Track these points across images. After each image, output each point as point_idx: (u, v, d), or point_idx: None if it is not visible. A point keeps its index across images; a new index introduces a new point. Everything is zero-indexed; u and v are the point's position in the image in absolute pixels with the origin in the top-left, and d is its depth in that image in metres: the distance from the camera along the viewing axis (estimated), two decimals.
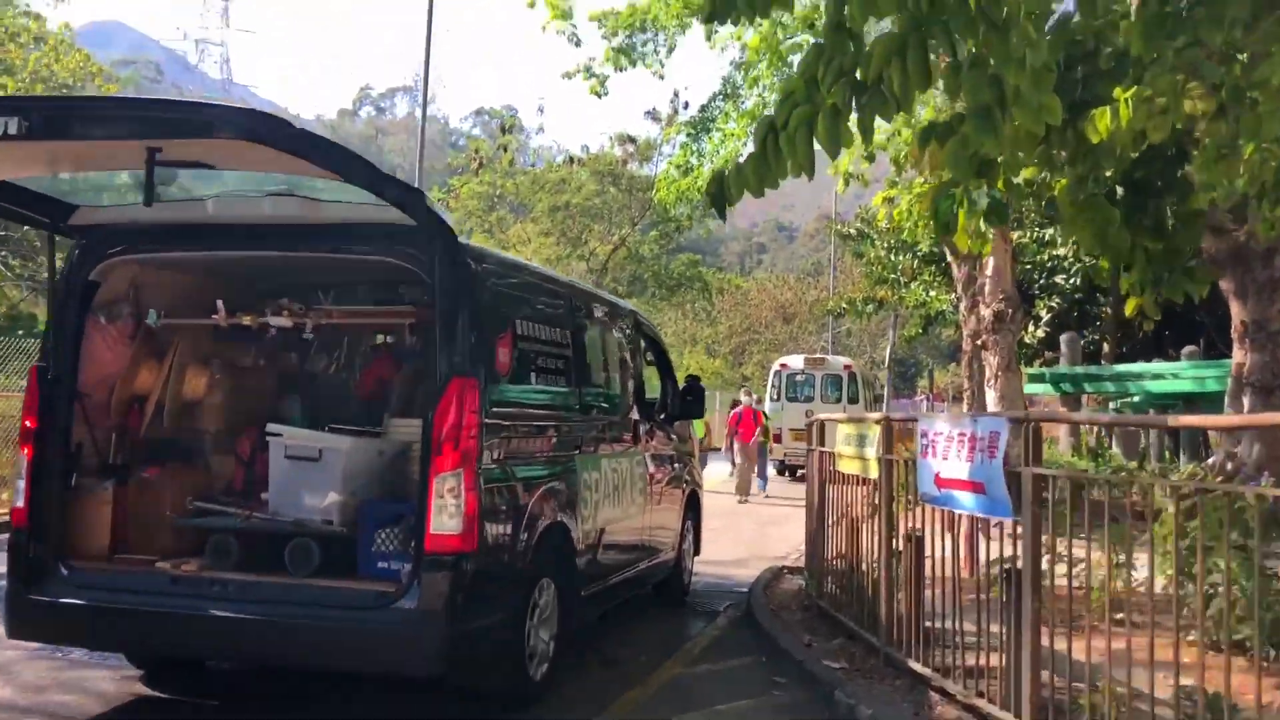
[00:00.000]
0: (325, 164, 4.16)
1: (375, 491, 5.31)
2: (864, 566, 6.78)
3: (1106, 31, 5.42)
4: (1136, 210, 6.91)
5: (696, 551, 9.18)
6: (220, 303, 5.46)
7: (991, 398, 17.50)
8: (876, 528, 6.45)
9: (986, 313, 17.47)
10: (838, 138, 4.27)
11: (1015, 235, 27.59)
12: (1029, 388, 28.10)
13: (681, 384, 8.40)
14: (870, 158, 19.28)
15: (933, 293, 30.81)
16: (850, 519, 7.01)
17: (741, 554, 11.83)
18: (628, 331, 7.39)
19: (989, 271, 17.47)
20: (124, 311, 5.44)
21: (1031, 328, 28.25)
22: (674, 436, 8.35)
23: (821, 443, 7.63)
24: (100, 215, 5.17)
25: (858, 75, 4.24)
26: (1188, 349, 22.80)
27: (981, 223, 6.79)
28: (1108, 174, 6.61)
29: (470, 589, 4.71)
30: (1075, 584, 4.83)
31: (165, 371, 5.55)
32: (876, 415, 6.29)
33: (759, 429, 19.53)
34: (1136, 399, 23.81)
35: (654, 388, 8.61)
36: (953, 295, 31.08)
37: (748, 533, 13.87)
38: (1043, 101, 4.48)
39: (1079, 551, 4.80)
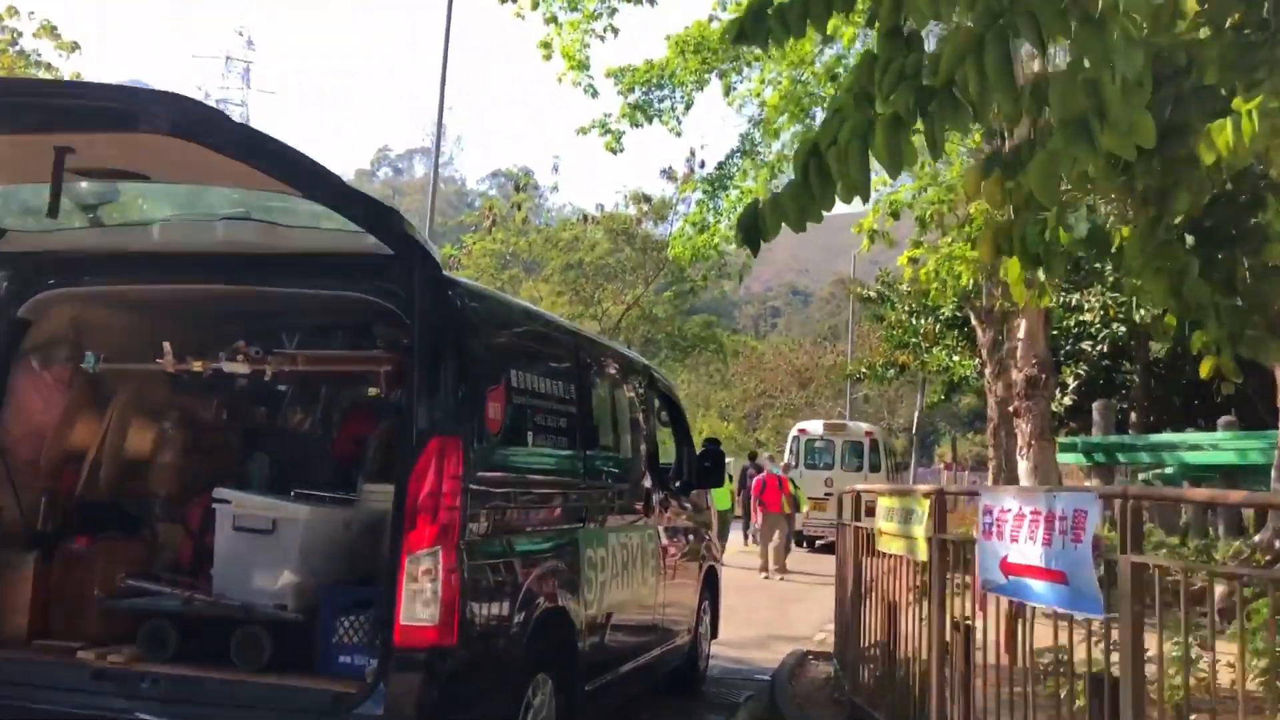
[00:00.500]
0: (277, 172, 3.46)
1: (340, 571, 4.48)
2: (906, 658, 5.94)
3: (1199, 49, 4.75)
4: (1207, 262, 6.19)
5: (714, 634, 8.31)
6: (167, 345, 4.67)
7: (1024, 468, 16.61)
8: (924, 614, 5.63)
9: (1018, 378, 16.67)
10: (899, 151, 3.53)
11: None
12: (1059, 458, 27.09)
13: (699, 449, 7.60)
14: (895, 215, 18.70)
15: (956, 357, 30.08)
16: (889, 603, 6.18)
17: (760, 634, 10.93)
18: (641, 389, 6.63)
19: (1021, 334, 16.71)
20: (61, 354, 4.70)
21: (1058, 395, 27.39)
22: (690, 507, 7.54)
23: (858, 517, 6.79)
24: (32, 242, 4.46)
25: (923, 80, 3.54)
26: (1225, 419, 21.88)
27: (1042, 272, 6.09)
28: (1176, 220, 5.92)
29: (448, 689, 3.91)
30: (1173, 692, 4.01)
31: (105, 425, 4.77)
32: (926, 488, 5.49)
33: (785, 497, 17.69)
34: (1169, 470, 22.85)
35: (668, 452, 7.86)
36: (976, 360, 30.34)
37: (766, 610, 12.94)
38: (1135, 120, 3.76)
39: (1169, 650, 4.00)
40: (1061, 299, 28.53)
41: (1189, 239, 6.15)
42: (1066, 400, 27.47)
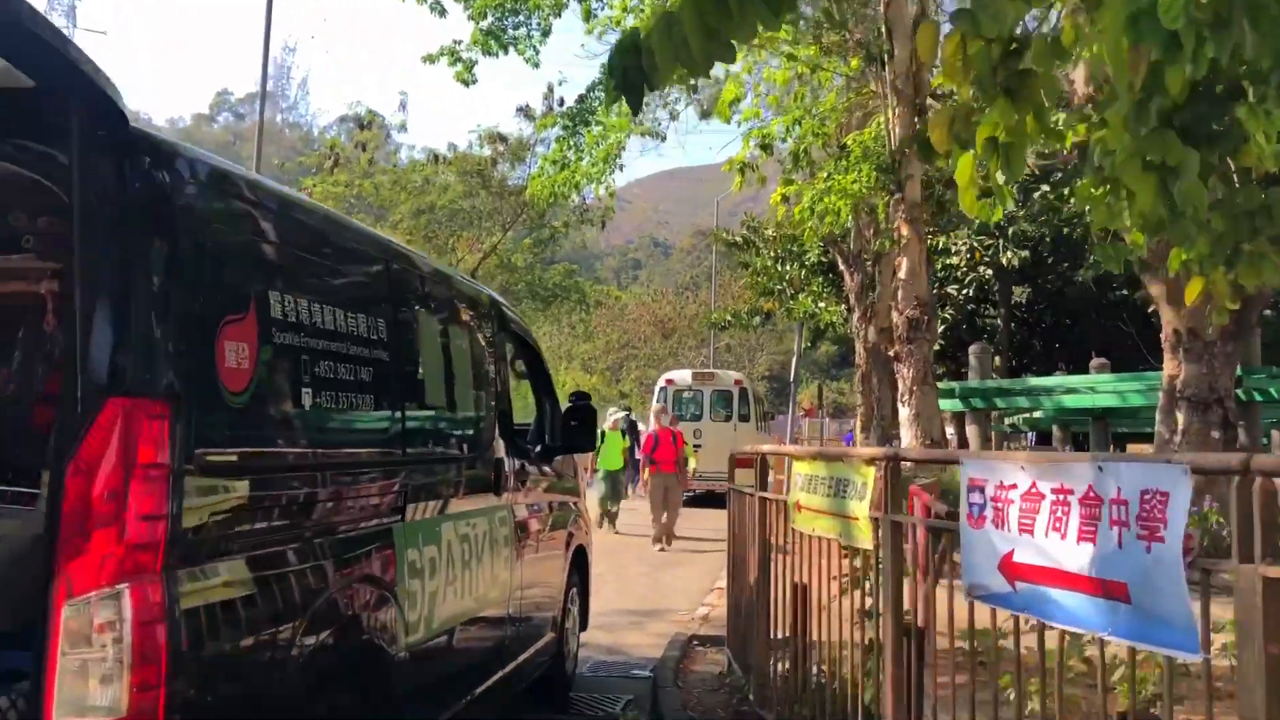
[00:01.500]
0: None
1: None
2: (831, 667, 4.62)
3: None
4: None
5: (583, 625, 6.88)
6: None
7: (904, 415, 15.69)
8: (859, 609, 4.32)
9: (898, 320, 15.67)
10: None
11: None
12: None
13: (564, 404, 6.10)
14: (766, 147, 17.45)
15: (822, 304, 29.31)
16: (806, 595, 4.85)
17: (635, 609, 9.59)
18: (487, 331, 5.06)
19: (901, 274, 15.68)
20: None
21: None
22: (554, 475, 6.05)
23: (763, 485, 5.40)
24: None
25: None
26: (1096, 361, 21.64)
27: (1000, 174, 4.82)
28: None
29: None
30: None
31: None
32: (869, 452, 4.15)
33: (679, 457, 15.26)
34: (1037, 415, 22.55)
35: (524, 408, 6.34)
36: (843, 306, 29.66)
37: (638, 580, 11.61)
38: None
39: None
40: (928, 242, 28.00)
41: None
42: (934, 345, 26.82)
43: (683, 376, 23.79)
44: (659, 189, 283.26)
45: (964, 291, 30.35)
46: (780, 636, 5.28)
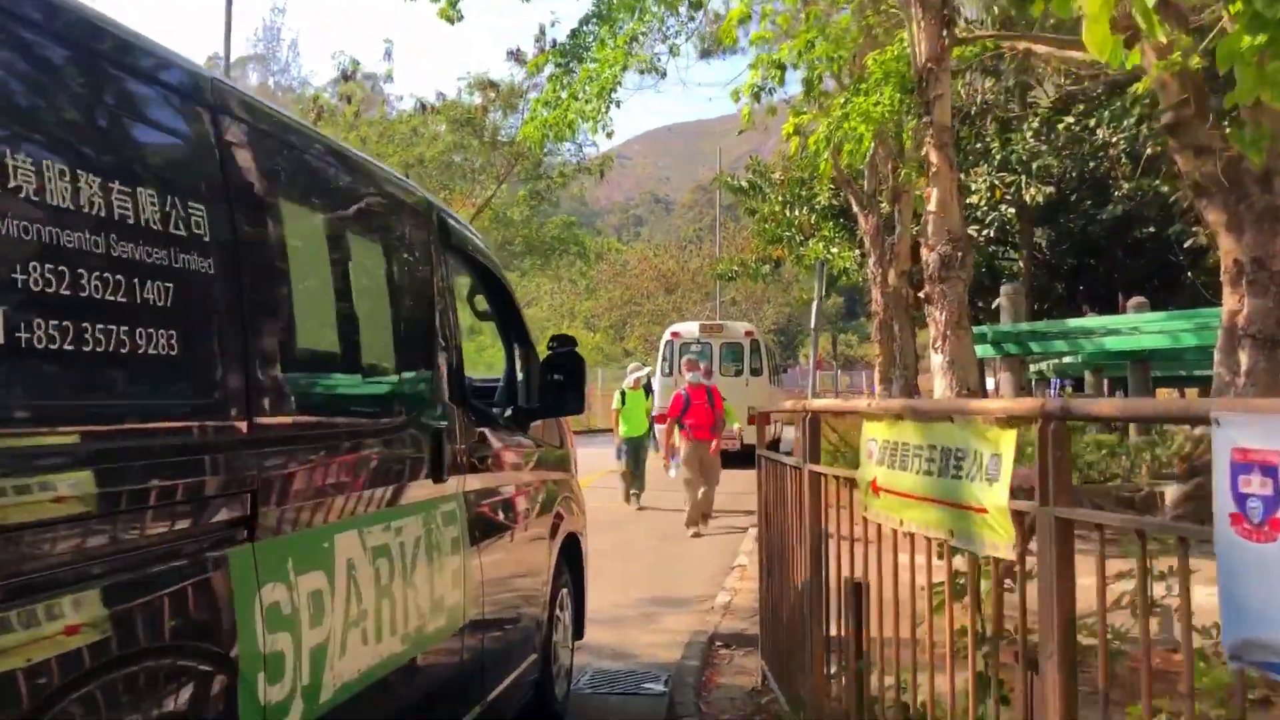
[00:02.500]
0: None
1: None
2: (917, 702, 3.19)
3: None
4: None
5: (578, 633, 5.46)
6: None
7: (937, 362, 14.16)
8: (961, 637, 2.88)
9: (930, 257, 14.08)
10: None
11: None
12: None
13: (544, 354, 4.61)
14: (779, 67, 15.82)
15: (834, 249, 27.76)
16: (861, 593, 3.44)
17: (642, 598, 8.19)
18: (420, 247, 3.54)
19: (932, 205, 14.12)
20: None
21: None
22: (531, 445, 4.60)
23: (814, 455, 3.91)
24: None
25: None
26: (1135, 299, 20.11)
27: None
28: None
29: None
30: None
31: None
32: (1012, 405, 2.72)
33: (717, 421, 12.32)
34: (1067, 360, 21.07)
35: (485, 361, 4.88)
36: (856, 251, 28.09)
37: (645, 557, 10.22)
38: None
39: None
40: (923, 193, 26.53)
41: None
42: None
43: (689, 329, 22.32)
44: (658, 145, 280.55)
45: (984, 233, 28.72)
46: (845, 656, 3.84)
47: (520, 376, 4.46)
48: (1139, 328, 15.77)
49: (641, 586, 8.57)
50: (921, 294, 14.69)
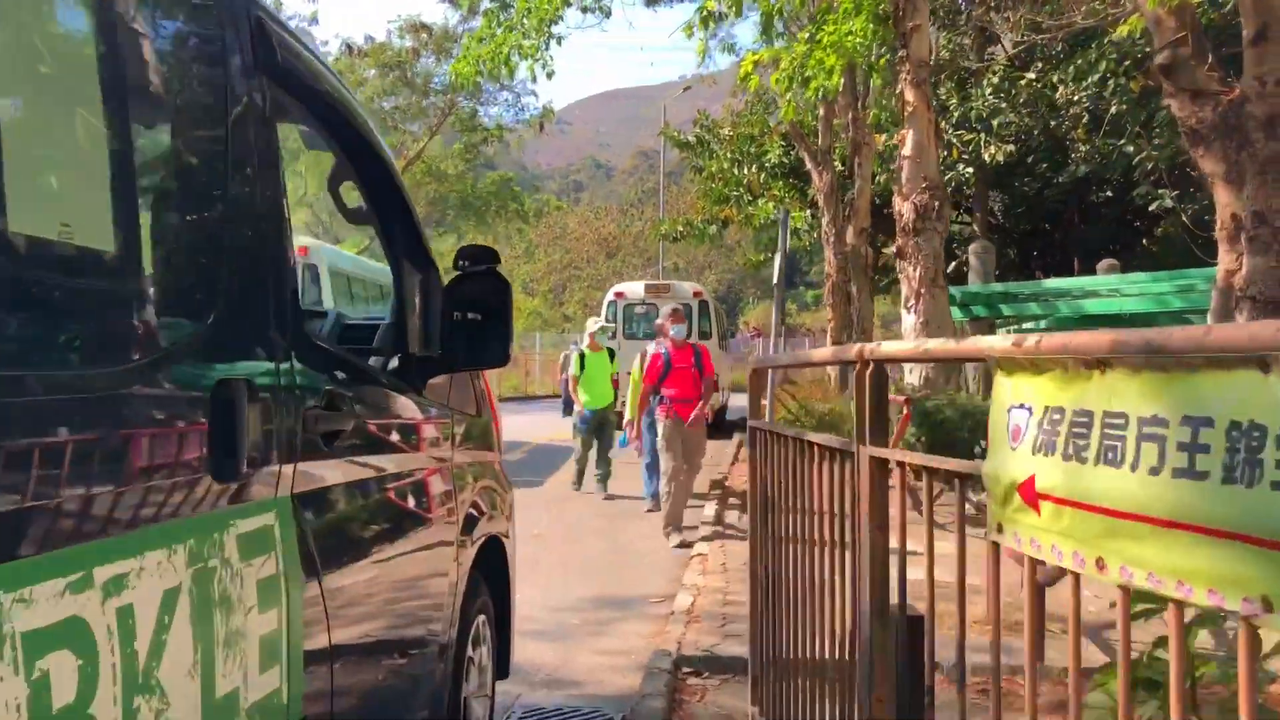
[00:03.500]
0: None
1: None
2: None
3: None
4: None
5: (502, 670, 3.97)
6: None
7: (909, 323, 12.83)
8: None
9: (904, 207, 12.70)
10: None
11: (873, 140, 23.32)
12: None
13: (449, 275, 3.06)
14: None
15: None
16: (918, 629, 2.03)
17: (587, 597, 6.76)
18: (209, 64, 1.97)
19: (907, 150, 12.78)
20: None
21: (893, 249, 24.18)
22: (429, 411, 3.09)
23: (880, 427, 2.42)
24: None
25: None
26: (1107, 262, 19.02)
27: None
28: None
29: None
30: None
31: None
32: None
33: (706, 390, 9.42)
34: (1032, 325, 20.02)
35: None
36: (808, 212, 26.70)
37: (590, 544, 8.78)
38: None
39: None
40: (893, 135, 25.22)
41: None
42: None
43: (634, 289, 20.83)
44: (599, 110, 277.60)
45: None
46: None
47: (414, 309, 2.91)
48: (1119, 289, 14.60)
49: (585, 583, 7.14)
50: (893, 248, 13.42)
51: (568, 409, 12.44)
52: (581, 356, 11.97)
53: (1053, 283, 16.03)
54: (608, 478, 11.68)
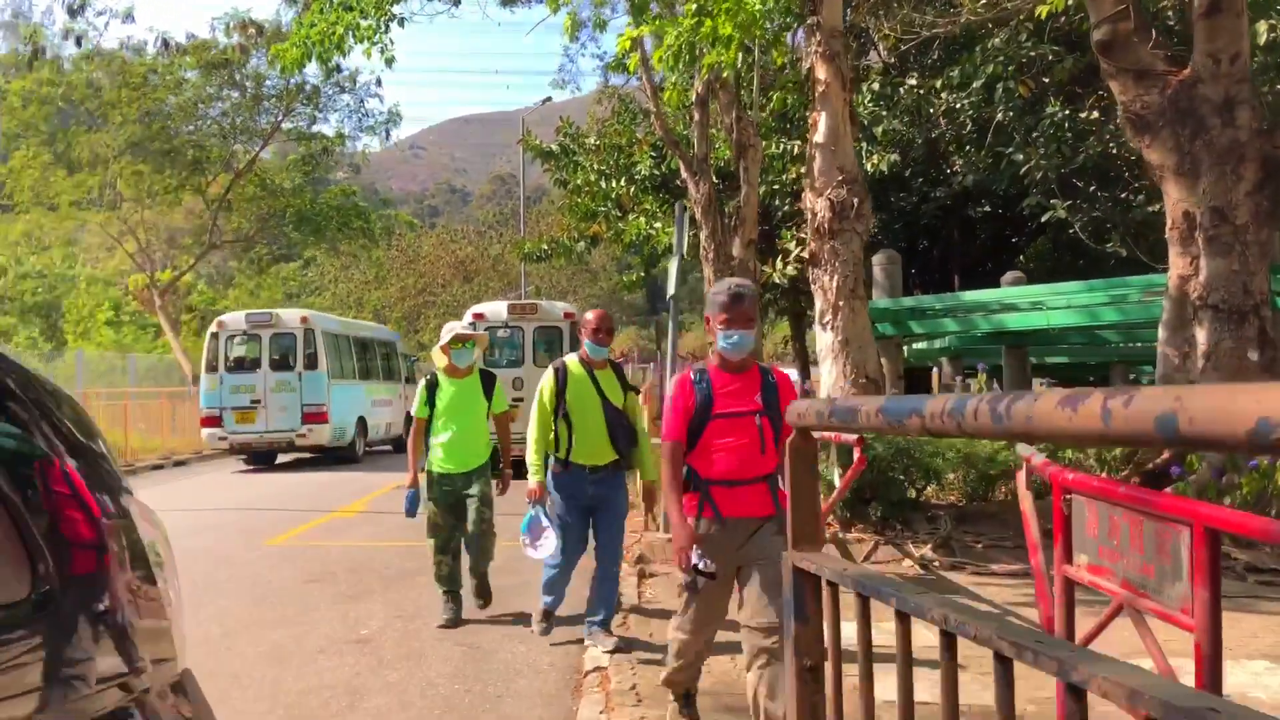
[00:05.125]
0: None
1: None
2: None
3: None
4: None
5: None
6: None
7: (826, 342, 10.72)
8: None
9: (817, 204, 10.62)
10: None
11: (763, 147, 21.59)
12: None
13: None
14: None
15: (658, 224, 24.44)
16: None
17: None
18: None
19: (819, 136, 10.79)
20: None
21: (779, 264, 22.47)
22: None
23: None
24: None
25: None
26: (1011, 274, 17.58)
27: None
28: None
29: None
30: None
31: None
32: None
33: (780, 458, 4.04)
34: (932, 345, 18.49)
35: None
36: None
37: (436, 661, 6.35)
38: None
39: None
40: (780, 146, 23.50)
41: None
42: (789, 270, 22.54)
43: (496, 310, 18.36)
44: (454, 135, 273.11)
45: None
46: None
47: None
48: (1045, 302, 12.95)
49: None
50: (806, 252, 11.43)
51: (413, 507, 7.05)
52: (431, 388, 7.06)
53: (970, 295, 14.34)
54: (487, 592, 7.11)
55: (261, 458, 20.56)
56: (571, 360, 6.18)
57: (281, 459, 21.11)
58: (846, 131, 10.52)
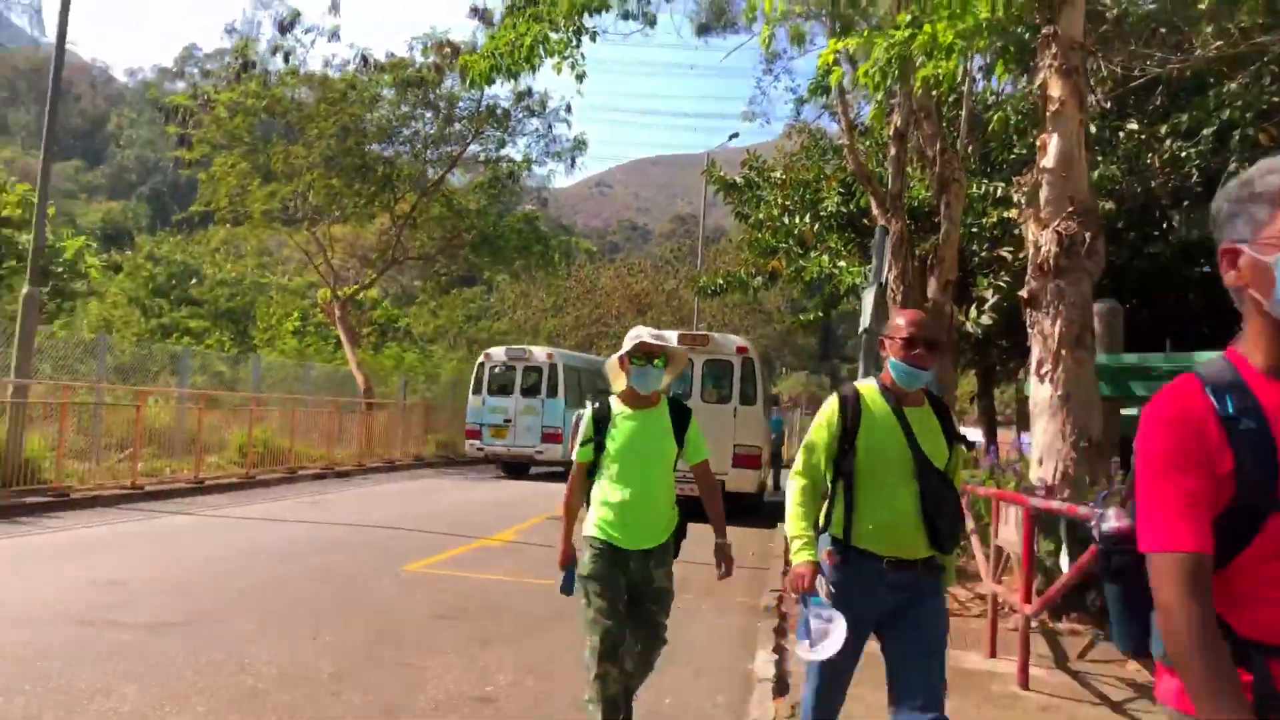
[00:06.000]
0: None
1: None
2: None
3: None
4: None
5: None
6: None
7: (1044, 396, 9.34)
8: None
9: (1044, 237, 9.25)
10: None
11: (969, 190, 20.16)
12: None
13: None
14: None
15: (842, 262, 23.15)
16: None
17: None
18: None
19: (1049, 160, 9.34)
20: None
21: (973, 312, 20.82)
22: None
23: None
24: None
25: None
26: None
27: None
28: None
29: None
30: None
31: None
32: None
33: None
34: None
35: None
36: (865, 268, 23.34)
37: None
38: None
39: None
40: (983, 187, 21.85)
41: None
42: (984, 319, 20.86)
43: (665, 338, 17.44)
44: (640, 175, 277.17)
45: (1021, 256, 24.21)
46: None
47: None
48: None
49: None
50: (1025, 293, 10.04)
51: (568, 582, 4.82)
52: (601, 420, 4.77)
53: (1205, 357, 12.55)
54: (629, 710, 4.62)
55: (510, 469, 23.96)
56: (867, 386, 3.93)
57: (466, 473, 23.94)
58: (1081, 156, 9.14)
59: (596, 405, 4.79)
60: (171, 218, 65.81)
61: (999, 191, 21.06)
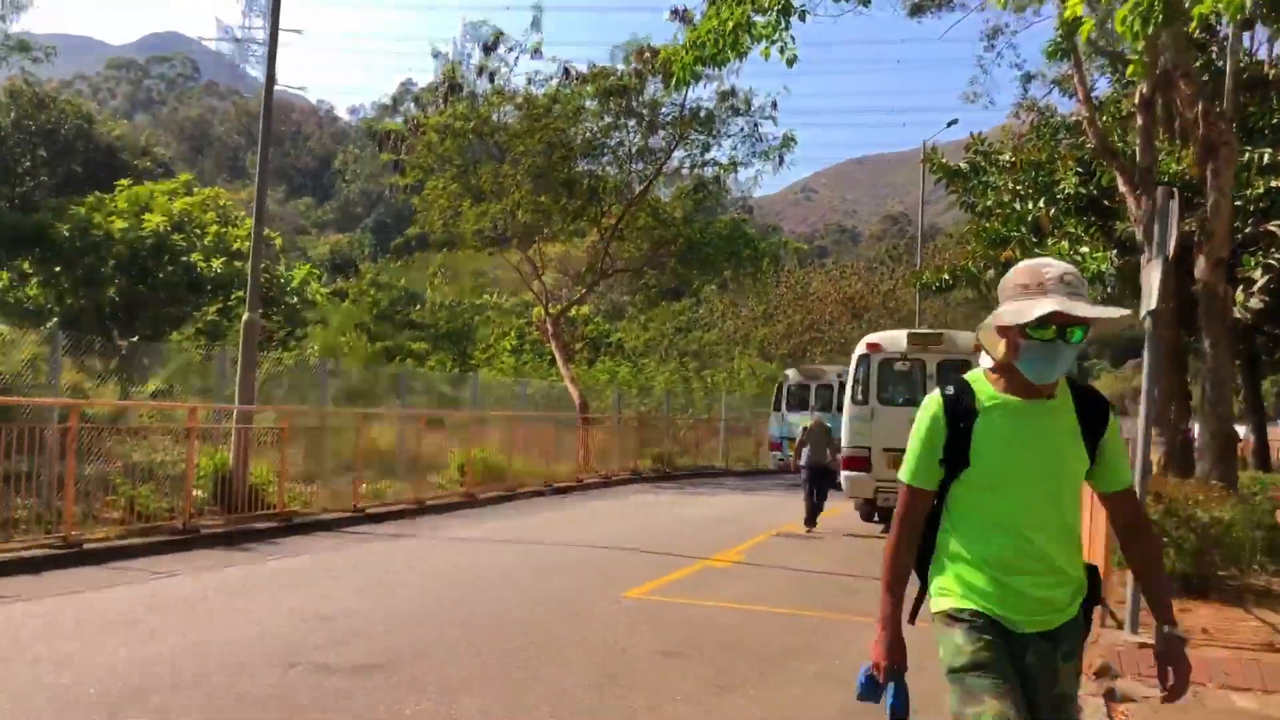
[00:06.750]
0: None
1: None
2: None
3: None
4: None
5: None
6: None
7: None
8: None
9: None
10: None
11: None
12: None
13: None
14: None
15: (1083, 249, 21.02)
16: None
17: None
18: None
19: None
20: None
21: (1239, 295, 18.38)
22: None
23: None
24: None
25: None
26: None
27: None
28: None
29: None
30: None
31: None
32: None
33: None
34: None
35: None
36: (1113, 251, 21.22)
37: None
38: None
39: None
40: (1244, 155, 19.33)
41: None
42: (1252, 302, 18.42)
43: (894, 339, 16.22)
44: (845, 177, 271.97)
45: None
46: None
47: None
48: None
49: None
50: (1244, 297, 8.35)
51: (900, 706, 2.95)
52: (957, 417, 2.86)
53: None
54: None
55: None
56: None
57: (683, 485, 23.90)
58: None
59: (949, 392, 2.90)
60: (390, 244, 68.76)
61: (1264, 159, 18.63)
